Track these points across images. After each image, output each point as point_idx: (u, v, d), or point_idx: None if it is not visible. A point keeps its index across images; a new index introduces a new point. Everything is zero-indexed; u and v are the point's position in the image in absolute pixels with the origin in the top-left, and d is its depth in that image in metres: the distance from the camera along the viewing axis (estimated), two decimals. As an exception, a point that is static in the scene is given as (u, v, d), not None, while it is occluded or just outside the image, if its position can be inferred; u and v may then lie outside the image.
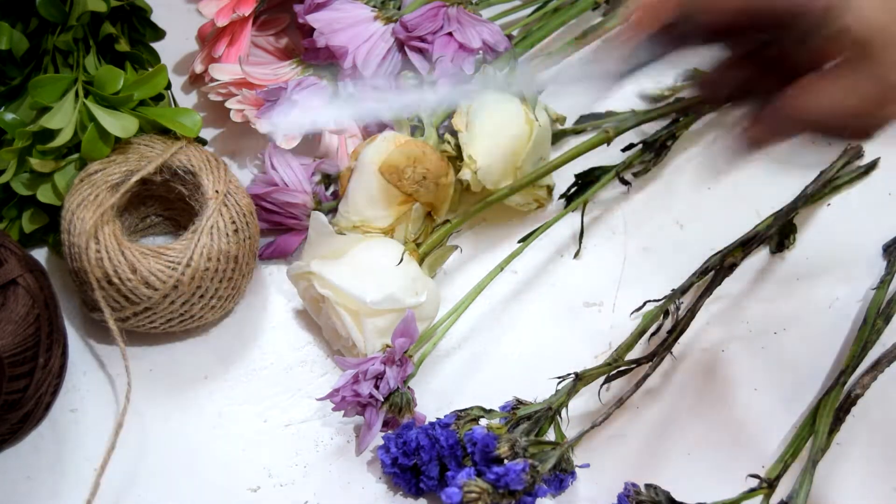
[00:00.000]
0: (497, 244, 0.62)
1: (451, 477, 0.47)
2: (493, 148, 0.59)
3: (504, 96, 0.61)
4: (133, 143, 0.57)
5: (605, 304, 0.60)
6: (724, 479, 0.52)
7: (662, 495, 0.50)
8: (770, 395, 0.57)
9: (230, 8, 0.61)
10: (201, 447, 0.54)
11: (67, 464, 0.52)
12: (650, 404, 0.56)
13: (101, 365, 0.56)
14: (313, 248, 0.55)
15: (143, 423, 0.54)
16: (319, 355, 0.57)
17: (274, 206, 0.60)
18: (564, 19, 0.68)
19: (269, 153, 0.61)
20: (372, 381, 0.51)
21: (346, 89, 0.61)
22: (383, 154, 0.57)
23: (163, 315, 0.53)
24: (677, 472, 0.53)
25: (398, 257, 0.54)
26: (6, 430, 0.51)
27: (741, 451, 0.54)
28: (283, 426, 0.54)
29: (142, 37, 0.63)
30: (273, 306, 0.59)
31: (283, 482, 0.52)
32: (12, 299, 0.50)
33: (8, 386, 0.48)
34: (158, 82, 0.58)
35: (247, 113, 0.60)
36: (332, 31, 0.60)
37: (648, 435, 0.55)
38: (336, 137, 0.63)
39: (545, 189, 0.63)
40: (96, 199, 0.54)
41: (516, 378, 0.56)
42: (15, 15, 0.59)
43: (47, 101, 0.56)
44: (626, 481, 0.51)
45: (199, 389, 0.56)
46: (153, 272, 0.52)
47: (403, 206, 0.57)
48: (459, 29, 0.62)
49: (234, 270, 0.54)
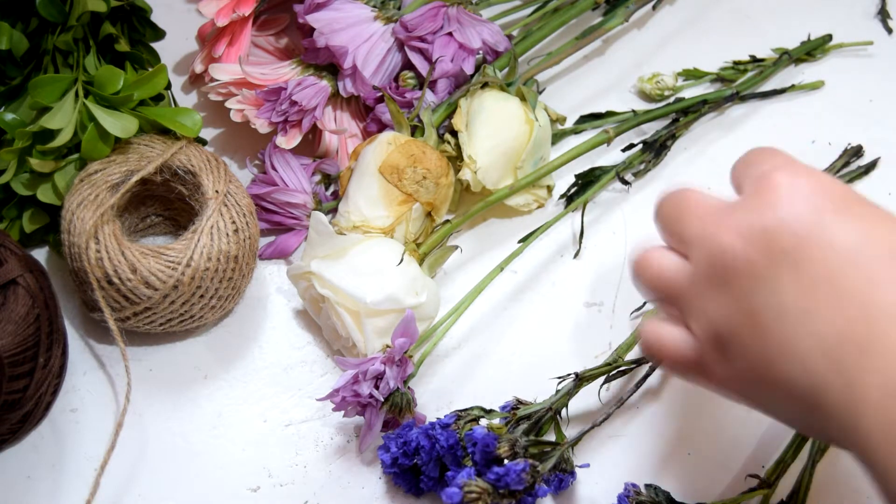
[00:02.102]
0: (497, 244, 0.62)
1: (451, 477, 0.47)
2: (493, 148, 0.59)
3: (504, 96, 0.61)
4: (133, 143, 0.57)
5: (605, 304, 0.60)
6: (724, 479, 0.52)
7: (662, 495, 0.50)
8: (770, 395, 0.57)
9: (230, 8, 0.61)
10: (201, 447, 0.54)
11: (67, 464, 0.52)
12: (650, 404, 0.56)
13: (101, 365, 0.56)
14: (313, 248, 0.55)
15: (143, 423, 0.54)
16: (319, 355, 0.57)
17: (274, 206, 0.61)
18: (564, 19, 0.68)
19: (269, 153, 0.61)
20: (372, 381, 0.51)
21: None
22: (383, 154, 0.57)
23: (163, 315, 0.53)
24: (677, 472, 0.53)
25: (398, 257, 0.54)
26: (6, 430, 0.51)
27: (741, 451, 0.54)
28: (283, 426, 0.54)
29: (142, 37, 0.63)
30: (273, 306, 0.59)
31: (283, 482, 0.52)
32: (12, 299, 0.50)
33: (8, 386, 0.48)
34: (158, 82, 0.58)
35: (247, 113, 0.60)
36: (332, 31, 0.60)
37: (648, 435, 0.55)
38: (336, 137, 0.63)
39: (545, 189, 0.63)
40: (96, 199, 0.54)
41: (516, 378, 0.56)
42: (15, 15, 0.59)
43: (47, 101, 0.56)
44: (626, 481, 0.51)
45: (199, 389, 0.56)
46: (153, 272, 0.52)
47: (403, 206, 0.57)
48: (459, 29, 0.62)
49: (234, 270, 0.54)
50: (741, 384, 0.38)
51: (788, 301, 0.35)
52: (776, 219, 0.36)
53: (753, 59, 0.72)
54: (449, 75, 0.62)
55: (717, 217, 0.38)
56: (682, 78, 0.71)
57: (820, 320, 0.34)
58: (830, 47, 0.74)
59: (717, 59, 0.73)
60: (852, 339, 0.33)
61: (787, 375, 0.35)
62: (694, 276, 0.38)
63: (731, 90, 0.69)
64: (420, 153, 0.57)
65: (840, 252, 0.35)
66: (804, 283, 0.35)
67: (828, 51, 0.74)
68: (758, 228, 0.36)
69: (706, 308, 0.38)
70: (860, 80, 0.72)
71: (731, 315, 0.37)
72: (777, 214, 0.36)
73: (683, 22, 0.76)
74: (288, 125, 0.61)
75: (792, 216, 0.36)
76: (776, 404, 0.37)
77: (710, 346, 0.38)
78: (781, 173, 0.37)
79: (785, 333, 0.35)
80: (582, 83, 0.71)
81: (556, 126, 0.66)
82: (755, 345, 0.36)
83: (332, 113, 0.63)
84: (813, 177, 0.37)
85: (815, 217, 0.36)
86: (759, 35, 0.74)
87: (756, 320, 0.36)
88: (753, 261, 0.36)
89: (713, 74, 0.72)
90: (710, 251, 0.37)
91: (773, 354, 0.35)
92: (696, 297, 0.38)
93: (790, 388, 0.35)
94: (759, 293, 0.36)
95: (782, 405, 0.37)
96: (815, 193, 0.36)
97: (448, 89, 0.62)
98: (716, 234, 0.37)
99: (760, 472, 0.51)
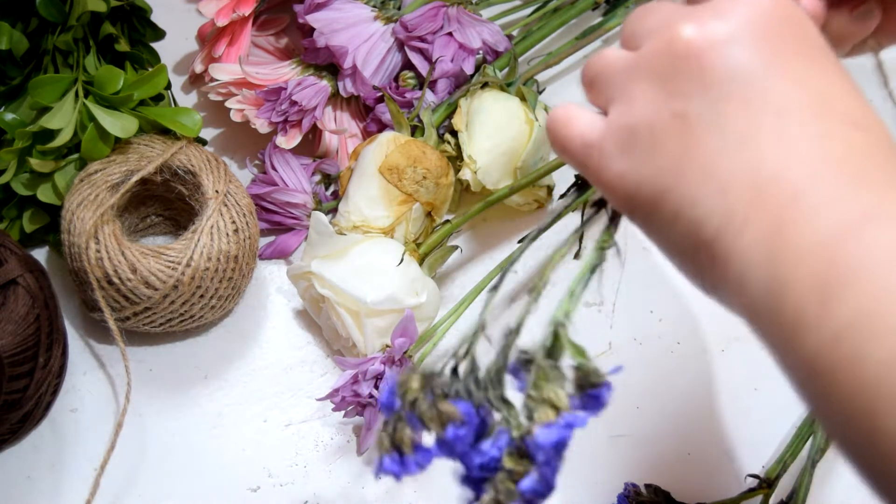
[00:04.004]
0: (497, 244, 0.62)
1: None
2: (493, 148, 0.59)
3: (504, 96, 0.61)
4: (133, 143, 0.57)
5: (605, 304, 0.60)
6: (724, 479, 0.52)
7: (662, 495, 0.50)
8: (770, 395, 0.57)
9: (230, 8, 0.61)
10: (201, 447, 0.54)
11: (67, 464, 0.52)
12: (650, 404, 0.56)
13: (101, 365, 0.56)
14: (313, 248, 0.55)
15: (143, 423, 0.54)
16: (319, 355, 0.57)
17: (274, 206, 0.61)
18: (564, 19, 0.68)
19: (269, 153, 0.61)
20: (372, 381, 0.51)
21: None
22: (383, 154, 0.57)
23: (163, 315, 0.53)
24: (677, 472, 0.53)
25: (398, 257, 0.54)
26: (6, 430, 0.51)
27: (741, 451, 0.54)
28: (283, 426, 0.54)
29: (142, 37, 0.63)
30: (273, 306, 0.59)
31: (283, 482, 0.52)
32: (12, 299, 0.50)
33: (8, 386, 0.48)
34: (158, 82, 0.58)
35: (247, 113, 0.60)
36: (332, 31, 0.60)
37: (648, 435, 0.55)
38: (336, 137, 0.63)
39: (545, 189, 0.63)
40: (96, 199, 0.54)
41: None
42: (15, 15, 0.59)
43: (47, 101, 0.56)
44: (626, 481, 0.51)
45: (199, 389, 0.56)
46: (153, 272, 0.52)
47: (403, 206, 0.57)
48: (459, 29, 0.62)
49: (234, 270, 0.54)
50: (631, 187, 0.34)
51: (727, 120, 0.32)
52: (748, 31, 0.33)
53: (753, 59, 0.72)
54: (449, 75, 0.62)
55: (683, 11, 0.34)
56: (682, 78, 0.71)
57: (756, 152, 0.31)
58: (830, 47, 0.73)
59: (717, 59, 0.72)
60: (790, 182, 0.31)
61: (693, 192, 0.32)
62: (637, 62, 0.35)
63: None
64: (420, 153, 0.57)
65: (802, 98, 0.32)
66: (752, 110, 0.32)
67: (828, 51, 0.74)
68: (726, 35, 0.33)
69: (634, 95, 0.34)
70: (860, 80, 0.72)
71: (659, 111, 0.33)
72: (750, 27, 0.33)
73: (683, 22, 0.76)
74: (288, 125, 0.61)
75: (765, 37, 0.33)
76: (659, 224, 0.34)
77: (619, 134, 0.35)
78: None
79: (711, 148, 0.32)
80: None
81: (556, 126, 0.66)
82: (672, 149, 0.33)
83: (332, 113, 0.63)
84: (794, 7, 0.34)
85: (786, 47, 0.33)
86: (759, 35, 0.74)
87: (685, 125, 0.33)
88: (708, 66, 0.33)
89: (713, 74, 0.71)
90: (664, 41, 0.34)
91: (686, 165, 0.33)
92: (629, 81, 0.35)
93: (688, 211, 0.33)
94: (699, 100, 0.33)
95: (666, 227, 0.34)
96: (797, 23, 0.34)
97: (448, 89, 0.62)
98: (676, 24, 0.34)
99: (760, 472, 0.51)
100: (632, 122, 0.34)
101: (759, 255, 0.30)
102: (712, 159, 0.32)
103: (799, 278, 0.29)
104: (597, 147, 0.35)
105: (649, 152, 0.34)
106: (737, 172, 0.32)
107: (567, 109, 0.37)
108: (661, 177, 0.33)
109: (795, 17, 0.34)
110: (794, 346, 0.30)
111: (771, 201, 0.31)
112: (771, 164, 0.31)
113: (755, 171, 0.31)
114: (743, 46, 0.33)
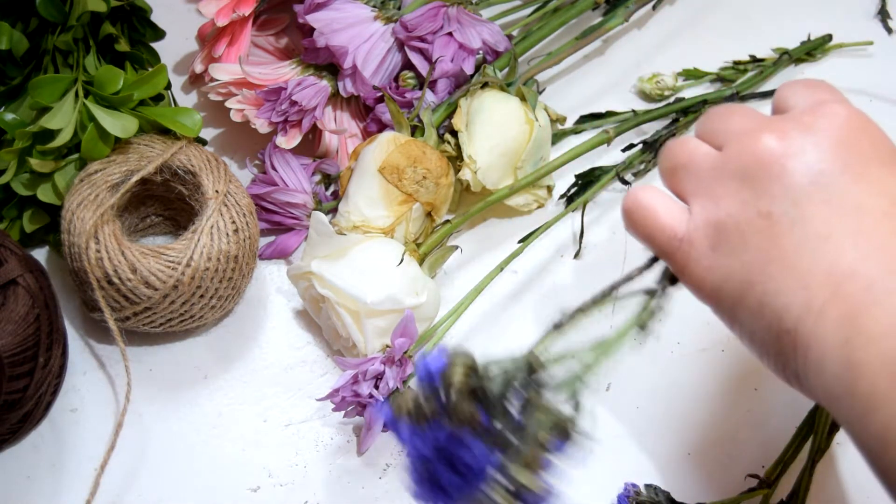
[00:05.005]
0: (497, 244, 0.62)
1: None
2: (493, 148, 0.59)
3: (504, 96, 0.61)
4: (133, 143, 0.57)
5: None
6: (724, 479, 0.52)
7: (662, 495, 0.50)
8: (770, 395, 0.57)
9: (230, 8, 0.61)
10: (201, 447, 0.54)
11: (67, 464, 0.52)
12: (650, 404, 0.56)
13: (101, 365, 0.56)
14: (313, 248, 0.55)
15: (143, 423, 0.54)
16: (319, 355, 0.57)
17: (274, 206, 0.61)
18: (564, 19, 0.68)
19: (269, 153, 0.61)
20: (372, 381, 0.51)
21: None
22: (383, 154, 0.57)
23: (163, 315, 0.53)
24: (677, 472, 0.53)
25: (398, 257, 0.54)
26: (6, 430, 0.51)
27: (741, 451, 0.54)
28: (283, 426, 0.54)
29: (142, 37, 0.63)
30: (273, 306, 0.59)
31: (283, 482, 0.52)
32: (12, 299, 0.50)
33: (8, 386, 0.48)
34: (158, 82, 0.58)
35: (247, 113, 0.60)
36: (332, 31, 0.60)
37: (648, 435, 0.55)
38: (336, 137, 0.63)
39: (545, 189, 0.63)
40: (96, 199, 0.54)
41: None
42: (15, 15, 0.59)
43: (47, 101, 0.56)
44: (626, 481, 0.51)
45: (199, 389, 0.56)
46: (153, 272, 0.52)
47: (403, 206, 0.57)
48: (459, 29, 0.62)
49: (234, 270, 0.54)
50: (718, 281, 0.37)
51: (809, 220, 0.35)
52: (828, 140, 0.36)
53: (753, 59, 0.72)
54: (449, 75, 0.62)
55: (766, 121, 0.38)
56: (682, 78, 0.71)
57: (835, 248, 0.34)
58: (830, 47, 0.74)
59: (717, 59, 0.72)
60: (865, 275, 0.34)
61: (777, 285, 0.35)
62: (722, 163, 0.38)
63: (731, 90, 0.69)
64: (420, 153, 0.57)
65: (877, 199, 0.35)
66: (832, 210, 0.35)
67: (828, 51, 0.74)
68: (809, 144, 0.36)
69: (720, 194, 0.37)
70: (860, 80, 0.72)
71: (745, 210, 0.36)
72: (830, 137, 0.36)
73: (683, 22, 0.76)
74: (288, 125, 0.61)
75: (843, 145, 0.36)
76: (744, 315, 0.37)
77: (705, 231, 0.37)
78: (841, 106, 0.38)
79: (794, 244, 0.35)
80: (582, 83, 0.71)
81: (556, 126, 0.66)
82: (758, 245, 0.36)
83: (332, 113, 0.63)
84: (868, 120, 0.38)
85: (862, 154, 0.36)
86: (759, 35, 0.74)
87: (770, 223, 0.36)
88: (791, 170, 0.36)
89: (713, 74, 0.72)
90: (750, 146, 0.37)
91: (770, 259, 0.35)
92: (714, 180, 0.38)
93: (772, 301, 0.35)
94: (784, 201, 0.36)
95: (750, 318, 0.37)
96: (871, 133, 0.37)
97: (448, 89, 0.62)
98: (761, 132, 0.37)
99: (760, 472, 0.51)
100: (720, 219, 0.37)
101: (835, 339, 0.33)
102: (795, 254, 0.35)
103: (871, 359, 0.32)
104: (686, 241, 0.38)
105: (737, 248, 0.36)
106: (817, 266, 0.35)
107: (650, 197, 0.40)
108: (748, 271, 0.36)
109: (870, 128, 0.37)
110: (867, 422, 0.32)
111: (847, 291, 0.34)
112: (848, 259, 0.34)
113: (834, 264, 0.34)
114: (823, 154, 0.36)
